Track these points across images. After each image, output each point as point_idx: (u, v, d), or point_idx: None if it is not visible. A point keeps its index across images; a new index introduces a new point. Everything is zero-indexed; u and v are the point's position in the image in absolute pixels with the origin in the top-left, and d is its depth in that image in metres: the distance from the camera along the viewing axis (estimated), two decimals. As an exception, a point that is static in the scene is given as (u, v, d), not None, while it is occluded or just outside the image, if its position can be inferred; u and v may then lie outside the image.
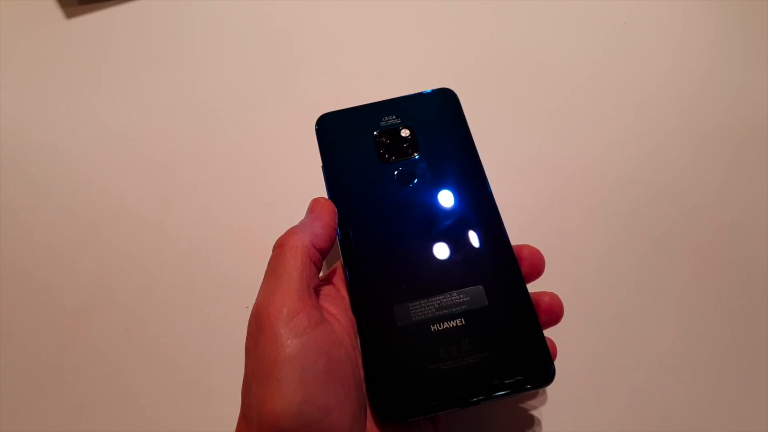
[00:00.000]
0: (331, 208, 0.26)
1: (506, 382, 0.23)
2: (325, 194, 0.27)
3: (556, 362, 0.24)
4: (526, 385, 0.23)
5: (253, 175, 0.38)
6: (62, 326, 0.33)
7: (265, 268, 0.23)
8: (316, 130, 0.29)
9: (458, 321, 0.24)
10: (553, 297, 0.25)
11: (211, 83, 0.43)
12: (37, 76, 0.44)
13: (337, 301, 0.25)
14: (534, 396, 0.30)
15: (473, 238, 0.26)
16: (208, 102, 0.42)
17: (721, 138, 0.39)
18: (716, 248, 0.35)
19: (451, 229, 0.26)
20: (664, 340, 0.32)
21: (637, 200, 0.37)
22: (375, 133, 0.29)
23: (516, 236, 0.26)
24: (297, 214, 0.26)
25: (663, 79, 0.42)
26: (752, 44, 0.44)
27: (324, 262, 0.25)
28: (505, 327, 0.24)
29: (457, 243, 0.26)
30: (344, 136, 0.29)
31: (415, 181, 0.28)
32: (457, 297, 0.24)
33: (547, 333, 0.25)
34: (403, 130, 0.29)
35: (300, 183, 0.37)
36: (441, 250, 0.26)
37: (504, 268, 0.25)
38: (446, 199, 0.27)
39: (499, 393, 0.23)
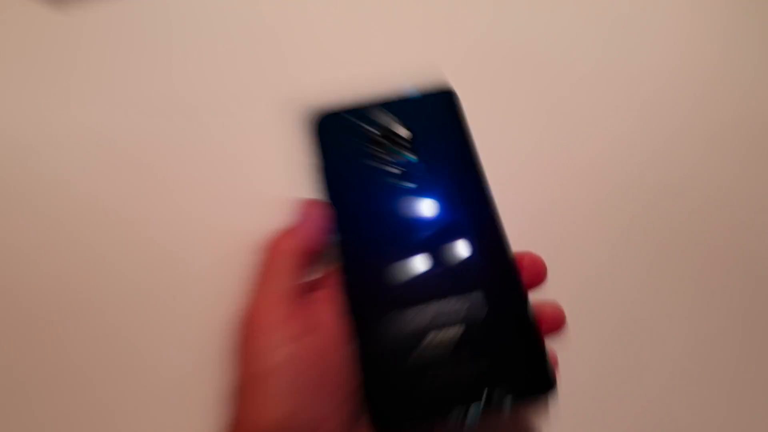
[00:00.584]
0: (321, 210, 0.25)
1: (506, 392, 0.22)
2: (315, 195, 0.27)
3: (557, 372, 0.23)
4: (526, 395, 0.22)
5: (238, 176, 0.37)
6: (33, 336, 0.32)
7: (253, 273, 0.23)
8: (311, 130, 0.29)
9: (457, 328, 0.23)
10: (555, 306, 0.25)
11: (192, 79, 0.41)
12: (13, 70, 0.43)
13: (329, 307, 0.24)
14: (534, 407, 0.29)
15: (473, 244, 0.25)
16: (189, 98, 0.40)
17: (733, 135, 0.38)
18: (728, 251, 0.34)
19: (450, 234, 0.26)
20: (673, 349, 0.31)
21: (644, 201, 0.36)
22: (373, 133, 0.28)
23: (518, 239, 0.26)
24: (286, 216, 0.25)
25: (671, 73, 0.41)
26: (765, 36, 0.43)
27: (320, 265, 0.24)
28: (505, 335, 0.23)
29: (456, 248, 0.25)
30: (340, 136, 0.28)
31: (414, 184, 0.27)
32: (456, 304, 0.24)
33: (549, 342, 0.24)
34: (402, 132, 0.28)
35: (288, 183, 0.36)
36: (439, 256, 0.25)
37: (504, 275, 0.25)
38: (445, 203, 0.26)
39: (498, 403, 0.22)
